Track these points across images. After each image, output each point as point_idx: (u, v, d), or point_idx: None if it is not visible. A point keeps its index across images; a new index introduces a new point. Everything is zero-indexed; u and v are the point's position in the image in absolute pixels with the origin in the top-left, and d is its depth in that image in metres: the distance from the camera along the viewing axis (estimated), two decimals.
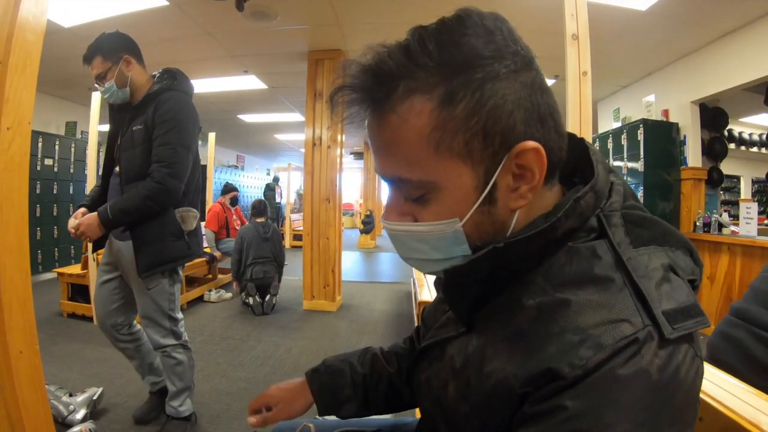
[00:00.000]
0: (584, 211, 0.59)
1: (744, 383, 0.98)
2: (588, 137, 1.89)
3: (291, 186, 12.75)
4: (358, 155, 14.47)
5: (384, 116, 0.58)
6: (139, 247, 2.10)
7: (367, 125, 0.61)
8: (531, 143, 0.55)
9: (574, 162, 0.67)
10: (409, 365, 0.91)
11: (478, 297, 0.65)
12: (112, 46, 2.18)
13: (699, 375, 0.53)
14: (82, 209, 2.23)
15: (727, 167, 7.75)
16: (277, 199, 11.05)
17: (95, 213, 2.03)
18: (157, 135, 2.07)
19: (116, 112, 2.32)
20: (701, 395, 0.86)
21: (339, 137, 5.36)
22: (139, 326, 2.49)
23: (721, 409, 0.83)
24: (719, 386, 0.95)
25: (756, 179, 9.55)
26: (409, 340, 1.05)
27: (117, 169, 2.21)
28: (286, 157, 16.08)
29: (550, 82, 5.99)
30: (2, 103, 0.94)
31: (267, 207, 5.63)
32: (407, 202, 0.62)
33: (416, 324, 2.18)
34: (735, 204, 8.00)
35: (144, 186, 2.03)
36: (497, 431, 0.57)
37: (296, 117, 8.88)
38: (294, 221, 12.39)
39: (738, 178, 9.57)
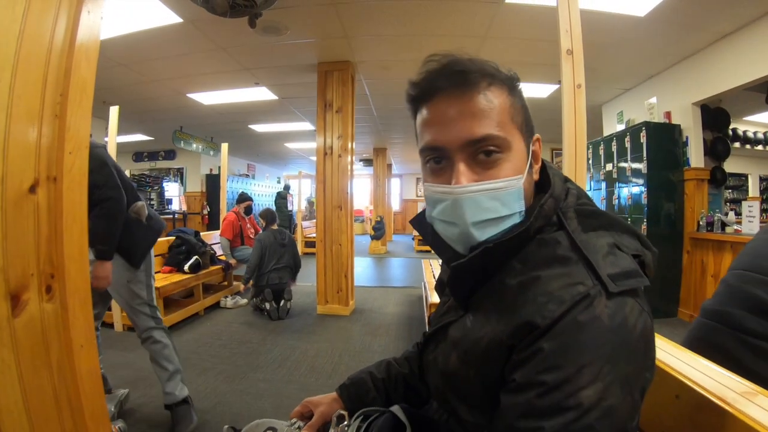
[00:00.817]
0: (547, 212, 0.79)
1: (716, 364, 1.09)
2: (583, 144, 2.03)
3: (302, 193, 12.90)
4: (368, 162, 14.57)
5: (474, 94, 0.76)
6: (126, 251, 2.56)
7: (445, 98, 0.79)
8: (538, 135, 0.85)
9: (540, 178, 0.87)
10: (419, 351, 1.08)
11: (473, 285, 0.83)
12: None
13: (647, 325, 0.69)
14: None
15: (734, 165, 7.81)
16: (289, 207, 11.20)
17: (97, 262, 2.37)
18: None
19: None
20: (676, 374, 1.00)
21: (350, 145, 5.51)
22: None
23: (696, 387, 0.94)
24: (694, 368, 1.06)
25: (764, 177, 9.56)
26: (417, 345, 1.20)
27: None
28: (296, 165, 16.26)
29: (552, 87, 6.13)
30: (65, 131, 1.10)
31: (276, 214, 5.82)
32: (477, 168, 0.77)
33: (427, 326, 2.33)
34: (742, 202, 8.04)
35: (100, 209, 2.36)
36: (493, 384, 0.73)
37: (306, 126, 9.04)
38: (305, 228, 12.53)
39: (746, 176, 9.59)
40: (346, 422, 1.01)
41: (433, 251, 0.90)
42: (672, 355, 1.14)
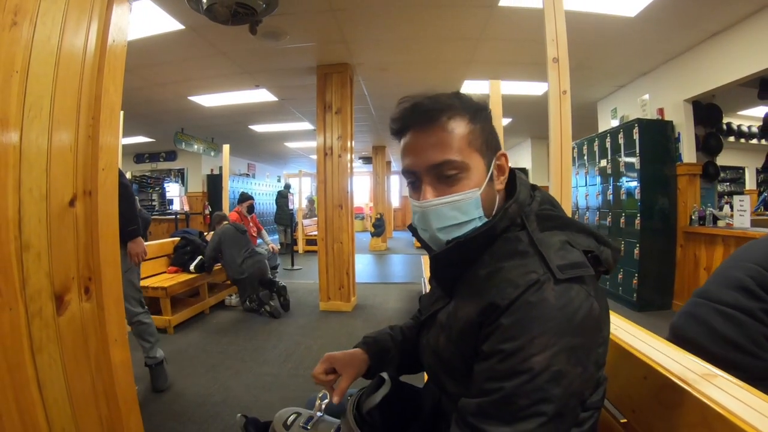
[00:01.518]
0: (511, 214, 0.95)
1: (677, 348, 1.22)
2: (568, 145, 2.15)
3: (302, 192, 13.01)
4: (367, 159, 14.69)
5: (435, 128, 0.94)
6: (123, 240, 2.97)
7: (414, 132, 0.97)
8: (503, 151, 0.99)
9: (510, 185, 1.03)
10: (408, 336, 1.27)
11: (455, 276, 1.00)
12: None
13: (594, 307, 0.83)
14: None
15: (730, 159, 7.91)
16: (290, 206, 11.31)
17: (132, 241, 3.11)
18: None
19: None
20: (644, 358, 1.13)
21: (349, 145, 5.65)
22: None
23: (661, 370, 1.06)
24: (660, 352, 1.19)
25: (760, 169, 9.64)
26: (415, 318, 1.39)
27: None
28: (296, 164, 16.36)
29: (546, 86, 6.24)
30: (98, 150, 1.23)
31: (225, 216, 5.99)
32: (439, 185, 0.94)
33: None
34: (740, 195, 8.13)
35: (121, 201, 2.84)
36: (470, 357, 0.88)
37: (306, 125, 9.15)
38: (306, 226, 12.65)
39: (743, 169, 9.69)
40: (327, 400, 1.15)
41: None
42: (641, 340, 1.28)
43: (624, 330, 1.38)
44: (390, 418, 0.99)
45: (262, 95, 6.91)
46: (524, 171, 5.31)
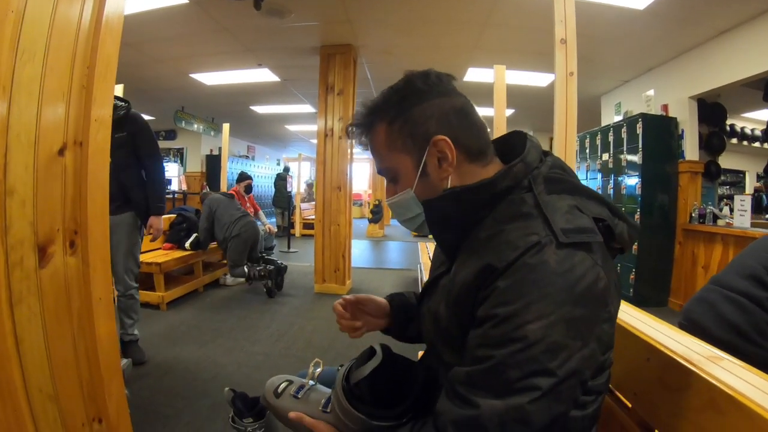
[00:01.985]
0: (517, 174, 0.89)
1: (681, 332, 1.20)
2: (573, 129, 2.12)
3: (301, 176, 12.96)
4: (367, 146, 14.62)
5: (369, 138, 0.99)
6: (144, 211, 3.19)
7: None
8: (440, 136, 0.90)
9: (521, 148, 0.95)
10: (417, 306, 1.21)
11: (457, 241, 0.95)
12: None
13: (600, 277, 0.77)
14: None
15: (732, 162, 7.89)
16: (288, 189, 11.26)
17: (153, 216, 3.24)
18: (140, 140, 3.16)
19: None
20: (647, 339, 1.10)
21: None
22: None
23: (665, 350, 1.04)
24: (663, 333, 1.17)
25: (761, 174, 9.63)
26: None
27: None
28: (296, 148, 16.29)
29: (551, 77, 6.18)
30: (91, 101, 1.18)
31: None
32: (389, 185, 1.00)
33: None
34: (741, 194, 8.13)
35: (155, 172, 3.26)
36: (467, 324, 0.83)
37: (307, 108, 9.09)
38: (304, 210, 12.62)
39: (743, 173, 9.67)
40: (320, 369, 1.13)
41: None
42: (643, 322, 1.25)
43: (625, 312, 1.36)
44: (380, 391, 0.95)
45: (265, 75, 6.85)
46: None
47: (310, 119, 10.03)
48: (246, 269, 5.41)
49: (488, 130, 0.99)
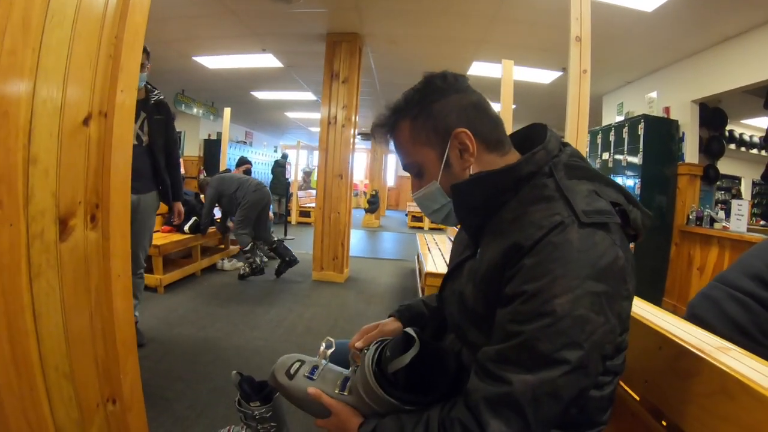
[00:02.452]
0: (539, 160, 0.95)
1: (690, 324, 1.22)
2: (584, 126, 2.13)
3: (299, 164, 12.93)
4: (366, 136, 14.60)
5: (393, 136, 1.06)
6: (166, 193, 3.29)
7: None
8: (459, 129, 0.96)
9: (540, 139, 1.00)
10: (439, 291, 1.25)
11: (482, 223, 1.00)
12: (146, 51, 2.90)
13: (619, 256, 0.82)
14: None
15: (728, 168, 7.90)
16: (286, 176, 11.25)
17: (177, 202, 3.48)
18: (172, 127, 3.30)
19: None
20: (659, 329, 1.13)
21: (353, 117, 5.59)
22: None
23: (676, 340, 1.07)
24: (673, 324, 1.20)
25: (756, 181, 9.67)
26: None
27: (134, 142, 2.80)
28: (294, 135, 16.22)
29: (554, 74, 6.18)
30: (118, 70, 1.18)
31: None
32: (415, 181, 1.06)
33: (420, 293, 2.57)
34: (739, 199, 8.15)
35: (177, 164, 3.42)
36: (494, 302, 0.86)
37: (308, 96, 9.06)
38: (300, 198, 12.61)
39: (739, 179, 9.71)
40: (332, 348, 1.13)
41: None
42: (653, 314, 1.28)
43: (636, 305, 1.39)
44: (412, 377, 0.95)
45: (268, 60, 6.79)
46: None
47: (311, 107, 10.01)
48: (251, 245, 5.41)
49: (503, 124, 1.05)
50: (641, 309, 1.34)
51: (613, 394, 0.94)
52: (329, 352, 1.14)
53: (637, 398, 1.19)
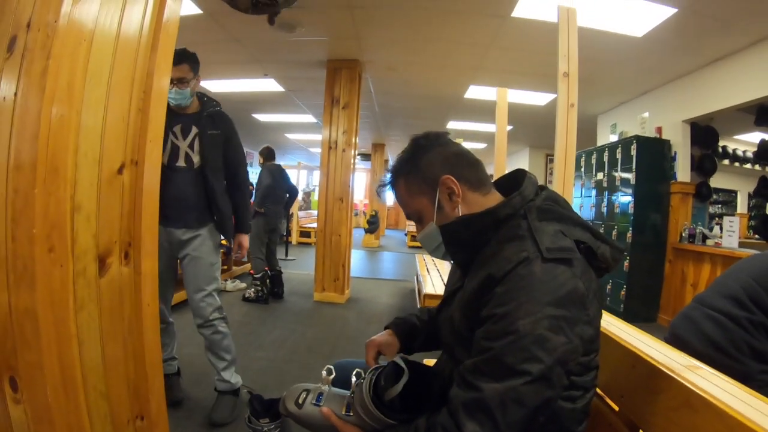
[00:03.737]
0: (515, 204, 1.10)
1: (663, 343, 1.35)
2: (572, 155, 2.28)
3: (299, 184, 13.06)
4: (365, 156, 14.77)
5: (394, 189, 1.23)
6: (227, 222, 2.70)
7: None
8: (444, 176, 1.12)
9: (520, 182, 1.17)
10: (434, 315, 1.42)
11: (470, 258, 1.14)
12: (196, 61, 2.63)
13: (579, 287, 0.95)
14: None
15: (724, 181, 8.04)
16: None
17: (243, 235, 2.86)
18: (236, 144, 2.79)
19: (171, 114, 2.55)
20: (633, 348, 1.25)
21: (354, 140, 5.75)
22: None
23: (648, 359, 1.18)
24: (646, 344, 1.32)
25: (752, 194, 9.77)
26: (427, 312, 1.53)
27: (180, 163, 2.55)
28: (295, 156, 16.38)
29: (549, 96, 6.35)
30: (147, 122, 1.32)
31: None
32: (417, 225, 1.21)
33: None
34: (731, 216, 8.25)
35: (246, 187, 2.88)
36: (475, 323, 1.01)
37: (309, 118, 9.24)
38: (300, 218, 12.71)
39: (735, 192, 9.83)
40: (333, 375, 1.25)
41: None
42: (629, 334, 1.42)
43: (614, 325, 1.52)
44: (405, 397, 1.08)
45: (270, 85, 6.99)
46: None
47: (311, 129, 10.18)
48: (262, 274, 5.46)
49: (483, 166, 1.22)
50: (618, 329, 1.46)
51: (588, 408, 1.08)
52: (330, 378, 1.26)
53: (616, 410, 1.31)
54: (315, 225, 8.14)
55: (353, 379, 1.21)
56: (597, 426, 1.33)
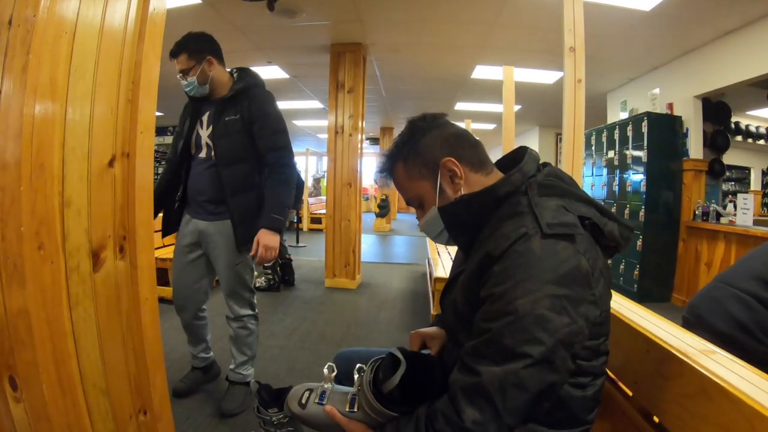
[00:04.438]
0: (514, 181, 1.06)
1: (677, 326, 1.30)
2: (581, 133, 2.21)
3: (308, 171, 13.05)
4: (374, 140, 14.71)
5: (392, 175, 1.19)
6: (241, 223, 2.36)
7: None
8: (445, 158, 1.09)
9: (521, 159, 1.12)
10: (440, 300, 1.35)
11: (472, 239, 1.10)
12: (198, 47, 2.41)
13: (582, 263, 0.90)
14: None
15: (737, 158, 7.91)
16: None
17: (265, 230, 2.27)
18: (263, 125, 2.40)
19: (195, 104, 2.55)
20: (646, 333, 1.21)
21: (360, 124, 5.71)
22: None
23: (662, 344, 1.14)
24: (660, 327, 1.27)
25: (766, 171, 9.62)
26: None
27: (201, 155, 2.43)
28: (303, 143, 16.36)
29: (558, 74, 6.23)
30: (137, 114, 1.28)
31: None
32: (417, 211, 1.18)
33: (431, 301, 2.66)
34: (744, 193, 8.13)
35: (280, 174, 2.37)
36: (475, 304, 0.96)
37: (315, 104, 9.19)
38: (311, 205, 12.72)
39: (748, 169, 9.67)
40: (335, 372, 1.23)
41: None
42: (643, 318, 1.37)
43: (627, 308, 1.47)
44: (406, 388, 1.05)
45: (274, 72, 6.93)
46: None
47: (318, 115, 10.12)
48: (274, 261, 5.44)
49: (483, 146, 1.18)
50: (631, 312, 1.42)
51: (598, 395, 1.03)
52: (333, 375, 1.24)
53: (630, 395, 1.28)
54: (325, 211, 8.14)
55: (356, 375, 1.18)
56: (609, 412, 1.29)
